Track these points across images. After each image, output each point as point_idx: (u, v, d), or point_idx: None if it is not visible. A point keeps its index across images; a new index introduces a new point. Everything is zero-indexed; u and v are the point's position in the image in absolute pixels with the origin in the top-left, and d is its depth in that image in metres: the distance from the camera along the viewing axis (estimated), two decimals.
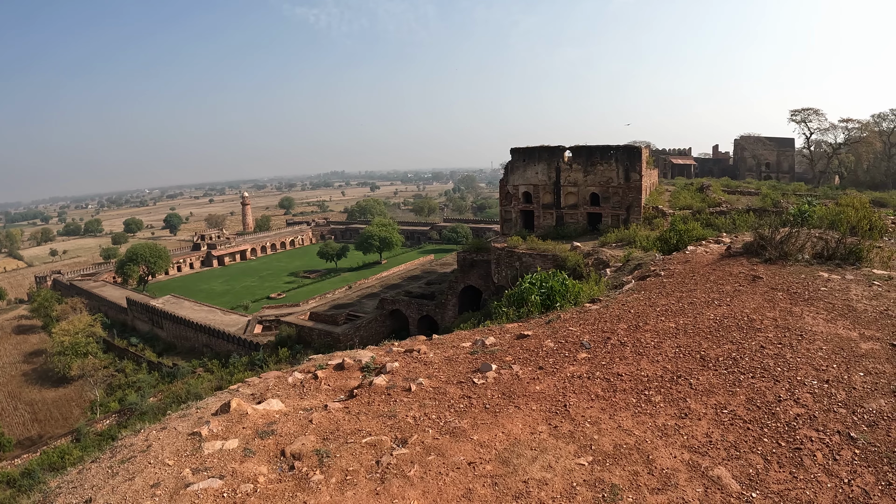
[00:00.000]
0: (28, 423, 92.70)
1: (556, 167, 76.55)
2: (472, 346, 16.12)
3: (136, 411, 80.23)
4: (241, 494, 8.95)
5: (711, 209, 67.96)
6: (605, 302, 19.96)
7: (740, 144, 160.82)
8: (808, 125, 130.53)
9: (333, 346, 79.00)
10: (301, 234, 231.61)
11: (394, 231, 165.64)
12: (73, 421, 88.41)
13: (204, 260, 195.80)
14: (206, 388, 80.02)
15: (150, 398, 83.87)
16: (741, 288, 18.78)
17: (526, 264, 63.61)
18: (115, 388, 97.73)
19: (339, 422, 11.47)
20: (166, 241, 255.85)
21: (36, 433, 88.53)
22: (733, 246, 25.21)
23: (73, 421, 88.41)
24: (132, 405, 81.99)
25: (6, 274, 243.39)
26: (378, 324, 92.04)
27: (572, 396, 11.82)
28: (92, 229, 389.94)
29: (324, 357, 17.19)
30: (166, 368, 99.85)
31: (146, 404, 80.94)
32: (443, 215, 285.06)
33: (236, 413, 12.13)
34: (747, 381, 11.72)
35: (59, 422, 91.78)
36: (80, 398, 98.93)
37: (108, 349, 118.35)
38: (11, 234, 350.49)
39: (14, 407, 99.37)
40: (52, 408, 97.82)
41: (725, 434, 9.90)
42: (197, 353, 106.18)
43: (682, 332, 15.09)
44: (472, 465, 9.37)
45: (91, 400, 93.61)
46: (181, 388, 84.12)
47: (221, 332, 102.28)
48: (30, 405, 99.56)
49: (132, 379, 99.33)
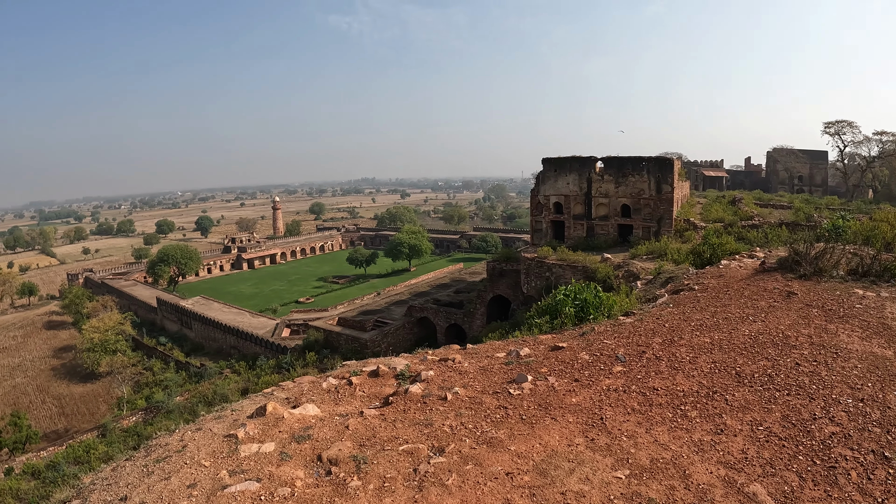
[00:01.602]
0: (55, 417, 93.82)
1: (587, 178, 76.31)
2: (507, 356, 16.14)
3: (162, 410, 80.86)
4: (279, 498, 8.98)
5: (743, 223, 67.36)
6: (638, 315, 19.93)
7: (773, 157, 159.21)
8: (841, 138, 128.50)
9: (360, 352, 79.23)
10: (331, 239, 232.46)
11: (423, 239, 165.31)
12: (100, 416, 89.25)
13: (234, 262, 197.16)
14: (233, 389, 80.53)
15: (176, 397, 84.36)
16: (776, 304, 18.73)
17: (556, 275, 63.43)
18: (143, 386, 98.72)
19: (375, 428, 11.51)
20: (197, 243, 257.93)
21: (62, 427, 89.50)
22: (767, 261, 25.09)
23: (100, 416, 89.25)
24: (159, 403, 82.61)
25: (39, 270, 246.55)
26: (405, 331, 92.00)
27: (608, 409, 11.84)
28: (124, 229, 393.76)
29: (358, 363, 17.25)
30: (194, 368, 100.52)
31: (172, 403, 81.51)
32: (472, 224, 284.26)
33: (272, 417, 12.22)
34: (783, 398, 11.72)
35: (86, 417, 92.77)
36: (107, 394, 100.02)
37: (136, 347, 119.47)
38: (45, 232, 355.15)
39: (42, 400, 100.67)
40: (79, 403, 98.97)
41: (761, 451, 9.90)
42: (224, 354, 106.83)
43: (717, 348, 15.08)
44: (509, 475, 9.38)
45: (118, 396, 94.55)
46: (208, 388, 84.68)
47: (249, 335, 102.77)
48: (57, 399, 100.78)
49: (159, 378, 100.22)
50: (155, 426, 71.44)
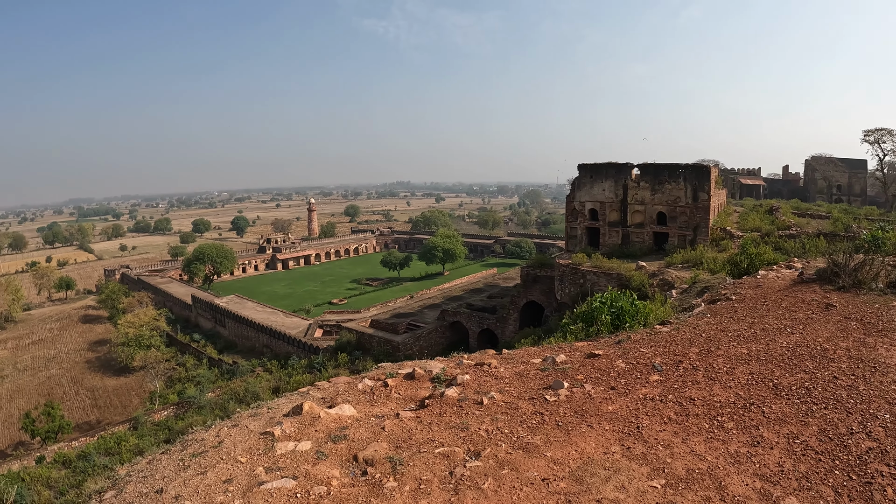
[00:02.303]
0: (88, 408, 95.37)
1: (623, 184, 75.91)
2: (543, 362, 16.17)
3: (193, 405, 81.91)
4: (315, 496, 9.08)
5: (780, 232, 66.49)
6: (675, 325, 19.87)
7: (811, 165, 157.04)
8: (881, 146, 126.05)
9: (392, 355, 79.38)
10: (365, 241, 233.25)
11: (457, 243, 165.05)
12: (132, 409, 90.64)
13: (268, 263, 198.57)
14: (264, 387, 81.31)
15: (208, 393, 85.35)
16: (814, 316, 18.60)
17: (590, 282, 63.17)
18: (175, 381, 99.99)
19: (411, 431, 11.61)
20: (232, 242, 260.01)
21: (94, 418, 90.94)
22: (805, 272, 24.90)
23: (132, 409, 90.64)
24: (190, 399, 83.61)
25: (76, 266, 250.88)
26: (438, 335, 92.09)
27: (645, 418, 11.85)
28: (161, 227, 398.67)
29: (393, 365, 17.34)
30: (226, 366, 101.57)
31: (204, 399, 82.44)
32: (507, 229, 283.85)
33: (308, 416, 12.35)
34: (820, 412, 11.66)
35: (118, 409, 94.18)
36: (139, 388, 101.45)
37: (170, 343, 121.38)
38: (83, 228, 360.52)
39: (76, 392, 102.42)
40: (111, 395, 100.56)
41: (797, 464, 9.86)
42: (257, 352, 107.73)
43: (754, 359, 15.02)
44: (545, 481, 9.41)
45: (150, 391, 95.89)
46: (239, 385, 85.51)
47: (282, 334, 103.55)
48: (91, 391, 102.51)
49: (192, 373, 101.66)
50: (186, 421, 72.48)
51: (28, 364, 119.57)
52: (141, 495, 9.89)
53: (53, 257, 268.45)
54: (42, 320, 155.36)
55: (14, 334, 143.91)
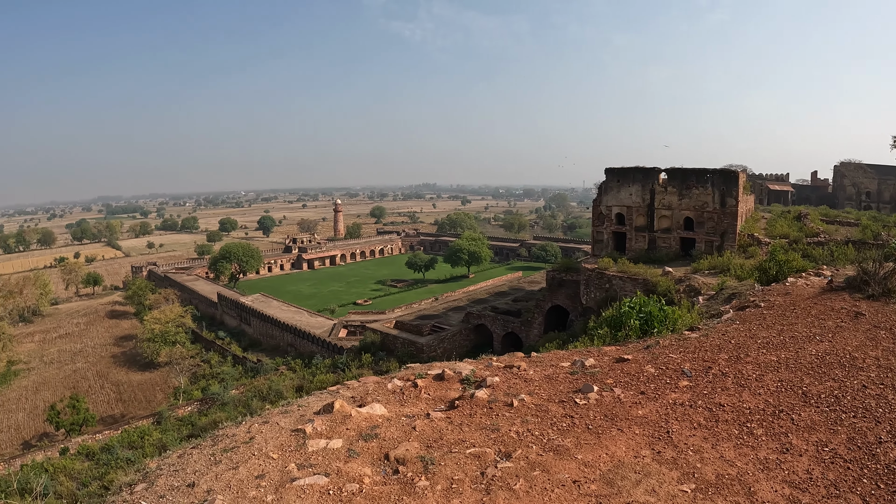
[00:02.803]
0: (112, 402, 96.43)
1: (650, 189, 75.59)
2: (572, 366, 16.22)
3: (217, 402, 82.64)
4: (347, 493, 9.18)
5: (808, 239, 65.98)
6: (704, 331, 19.86)
7: (840, 171, 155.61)
8: None
9: (416, 356, 79.54)
10: (390, 243, 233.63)
11: (483, 246, 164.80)
12: (156, 404, 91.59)
13: (294, 262, 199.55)
14: (288, 386, 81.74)
15: (232, 390, 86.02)
16: (843, 324, 18.53)
17: (616, 287, 63.00)
18: (199, 378, 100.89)
19: (442, 431, 11.71)
20: (259, 241, 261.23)
21: (119, 412, 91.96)
22: (835, 280, 24.78)
23: (156, 404, 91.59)
24: (214, 395, 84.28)
25: (104, 262, 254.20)
26: (462, 337, 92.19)
27: (675, 423, 11.90)
28: (188, 226, 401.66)
29: (422, 366, 17.44)
30: (250, 363, 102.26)
31: (228, 396, 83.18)
32: (532, 233, 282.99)
33: (339, 414, 12.48)
34: (849, 420, 11.67)
35: (143, 404, 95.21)
36: (164, 384, 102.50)
37: (195, 340, 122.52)
38: (111, 225, 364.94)
39: (101, 385, 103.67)
40: (136, 390, 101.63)
41: (826, 472, 9.88)
42: (281, 351, 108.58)
43: (783, 366, 15.01)
44: (576, 483, 9.49)
45: (175, 386, 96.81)
46: (263, 383, 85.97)
47: (306, 333, 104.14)
48: (116, 385, 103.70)
49: (216, 370, 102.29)
50: (209, 417, 73.27)
51: (54, 357, 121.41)
52: (172, 489, 10.05)
53: (81, 253, 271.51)
54: (69, 315, 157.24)
55: (41, 328, 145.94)
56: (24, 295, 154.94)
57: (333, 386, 16.16)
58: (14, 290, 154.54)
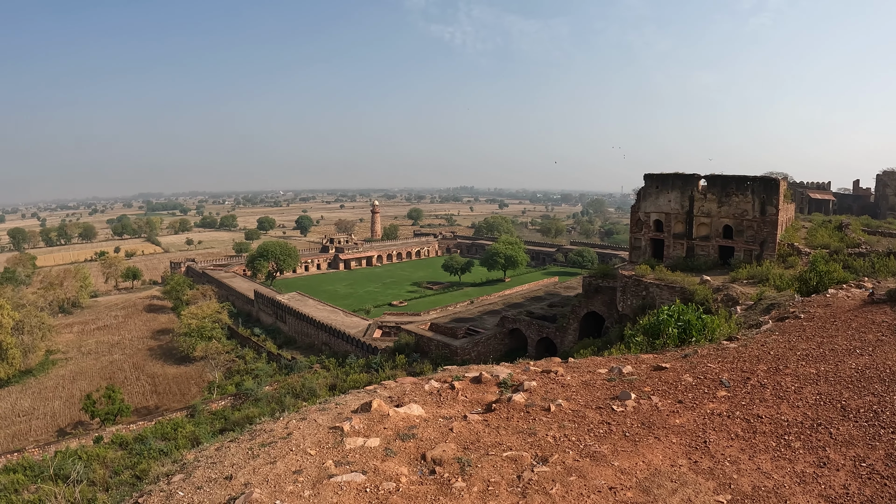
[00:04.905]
0: (147, 394, 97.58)
1: (689, 196, 74.86)
2: (609, 372, 16.27)
3: (250, 397, 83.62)
4: (384, 492, 9.30)
5: (850, 250, 64.90)
6: (742, 341, 19.75)
7: (882, 180, 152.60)
8: None
9: (450, 359, 79.59)
10: (427, 245, 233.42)
11: (519, 250, 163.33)
12: (190, 398, 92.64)
13: (331, 262, 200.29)
14: (321, 384, 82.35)
15: (265, 387, 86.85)
16: (884, 338, 18.36)
17: (653, 294, 62.64)
18: (234, 373, 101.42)
19: (478, 433, 11.82)
20: (296, 241, 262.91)
21: (153, 404, 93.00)
22: (876, 292, 24.52)
23: (190, 398, 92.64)
24: (248, 391, 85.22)
25: (143, 257, 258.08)
26: (496, 341, 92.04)
27: (712, 433, 11.89)
28: (227, 224, 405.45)
29: (459, 368, 17.56)
30: (284, 361, 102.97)
31: (261, 392, 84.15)
32: (569, 238, 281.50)
33: (377, 413, 12.68)
34: (887, 436, 11.56)
35: (177, 397, 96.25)
36: (199, 378, 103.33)
37: (231, 336, 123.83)
38: (151, 222, 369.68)
39: (137, 377, 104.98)
40: (171, 383, 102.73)
41: (863, 487, 9.81)
42: (315, 349, 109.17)
43: (822, 379, 14.92)
44: (612, 490, 9.52)
45: (209, 381, 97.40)
46: (297, 381, 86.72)
47: (341, 333, 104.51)
48: (151, 378, 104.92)
49: (251, 366, 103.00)
50: (242, 412, 74.07)
51: (92, 348, 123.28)
52: (210, 480, 10.23)
53: (121, 248, 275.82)
54: (108, 307, 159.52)
55: (80, 319, 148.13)
56: (65, 287, 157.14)
57: (369, 385, 16.35)
58: (55, 282, 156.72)
